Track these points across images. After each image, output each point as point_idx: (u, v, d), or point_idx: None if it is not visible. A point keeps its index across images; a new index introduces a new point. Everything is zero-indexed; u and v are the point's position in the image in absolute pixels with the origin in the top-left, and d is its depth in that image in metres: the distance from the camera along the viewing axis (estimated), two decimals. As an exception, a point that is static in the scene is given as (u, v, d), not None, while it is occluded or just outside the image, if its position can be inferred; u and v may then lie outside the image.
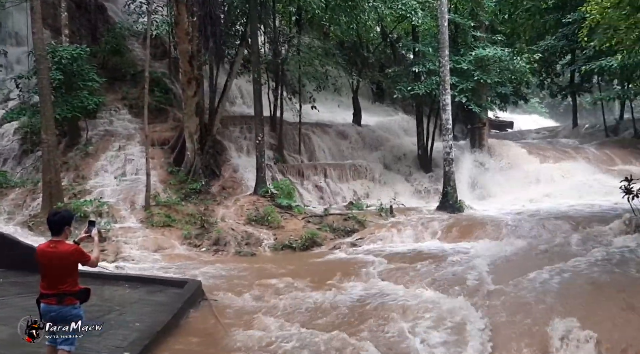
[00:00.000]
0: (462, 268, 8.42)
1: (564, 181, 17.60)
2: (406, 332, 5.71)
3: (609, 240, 9.67)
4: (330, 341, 5.52)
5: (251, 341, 5.55)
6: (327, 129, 19.97)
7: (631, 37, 9.92)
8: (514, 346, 5.31)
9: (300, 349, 5.32)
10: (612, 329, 5.41)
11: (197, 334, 5.85)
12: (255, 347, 5.43)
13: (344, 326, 6.00)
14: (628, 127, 24.56)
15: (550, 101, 38.63)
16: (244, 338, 5.65)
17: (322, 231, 12.00)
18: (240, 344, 5.49)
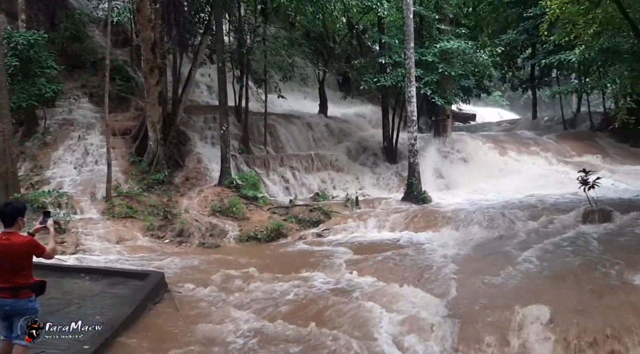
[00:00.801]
0: (427, 257, 8.55)
1: (524, 172, 18.04)
2: (373, 322, 5.75)
3: (566, 229, 9.97)
4: (296, 331, 5.52)
5: (215, 333, 5.50)
6: (294, 120, 19.89)
7: (589, 32, 10.22)
8: (478, 332, 5.42)
9: (266, 340, 5.30)
10: (568, 313, 5.58)
11: (159, 326, 5.75)
12: (218, 339, 5.38)
13: (310, 317, 6.01)
14: (585, 119, 25.34)
15: (511, 94, 39.47)
16: (207, 330, 5.59)
17: (287, 223, 11.97)
18: (203, 337, 5.44)
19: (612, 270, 7.17)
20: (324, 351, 5.07)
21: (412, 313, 5.89)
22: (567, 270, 7.34)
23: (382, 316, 5.88)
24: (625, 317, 5.57)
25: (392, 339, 5.40)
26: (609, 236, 9.24)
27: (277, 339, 5.35)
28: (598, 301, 6.10)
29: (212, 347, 5.21)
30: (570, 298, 6.18)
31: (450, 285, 6.96)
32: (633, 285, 6.55)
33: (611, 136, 21.91)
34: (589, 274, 7.07)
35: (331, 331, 5.52)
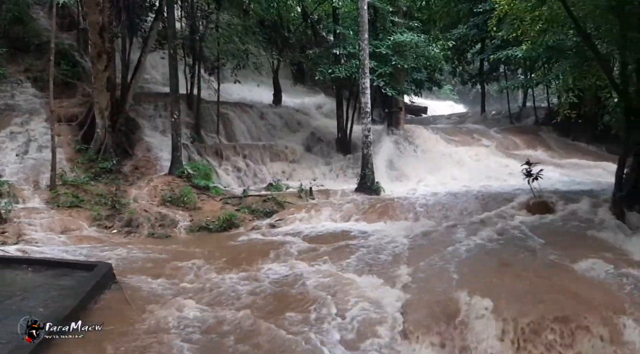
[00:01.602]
0: (379, 247, 8.67)
1: (473, 164, 18.56)
2: (325, 311, 5.80)
3: (511, 219, 10.34)
4: (246, 321, 5.49)
5: (165, 324, 5.41)
6: (247, 109, 19.68)
7: (535, 29, 10.53)
8: (426, 318, 5.56)
9: (216, 331, 5.26)
10: (511, 300, 5.80)
11: (106, 318, 5.59)
12: (168, 330, 5.29)
13: (260, 307, 6.00)
14: (530, 114, 26.29)
15: (461, 88, 40.43)
16: (156, 321, 5.49)
17: (240, 213, 11.86)
18: (152, 328, 5.33)
19: (553, 258, 7.51)
20: (274, 341, 5.08)
21: (363, 301, 5.98)
22: (510, 258, 7.63)
23: (333, 305, 5.93)
24: (566, 303, 5.85)
25: (343, 327, 5.45)
26: (550, 226, 9.65)
27: (227, 329, 5.31)
28: (540, 288, 6.35)
29: (161, 338, 5.12)
30: (513, 286, 6.42)
31: (401, 273, 7.10)
32: (573, 272, 6.88)
33: (554, 130, 22.84)
34: (531, 262, 7.37)
35: (282, 321, 5.54)
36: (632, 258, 7.48)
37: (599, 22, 10.46)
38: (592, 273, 6.74)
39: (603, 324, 5.48)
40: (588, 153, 20.83)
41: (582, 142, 22.25)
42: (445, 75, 30.99)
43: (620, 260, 7.29)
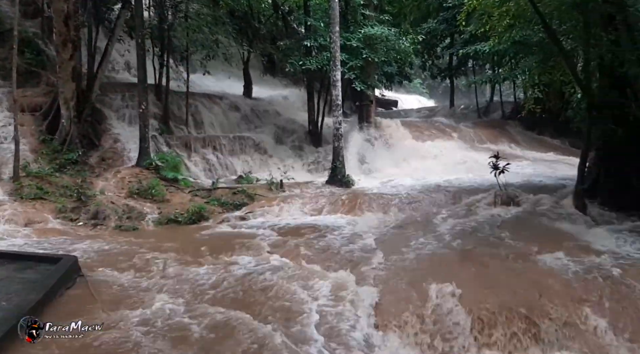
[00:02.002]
0: (350, 240, 8.72)
1: (442, 158, 18.84)
2: (294, 303, 5.81)
3: (478, 212, 10.56)
4: (216, 315, 5.47)
5: (132, 318, 5.34)
6: (217, 100, 19.48)
7: (502, 24, 10.73)
8: (396, 309, 5.64)
9: (185, 324, 5.22)
10: (478, 290, 5.94)
11: (71, 312, 5.48)
12: (136, 324, 5.22)
13: (232, 300, 5.97)
14: (497, 108, 26.82)
15: (431, 82, 40.89)
16: (124, 315, 5.42)
17: (209, 205, 11.76)
18: (119, 321, 5.25)
19: (518, 249, 7.70)
20: (246, 333, 5.07)
21: (333, 293, 6.02)
22: (477, 249, 7.79)
23: (304, 297, 5.95)
24: (529, 292, 6.02)
25: (313, 319, 5.48)
26: (516, 218, 9.87)
27: (198, 322, 5.28)
28: (505, 279, 6.52)
29: (128, 332, 5.06)
30: (480, 276, 6.58)
31: (371, 265, 7.16)
32: (537, 263, 7.06)
33: (520, 124, 23.38)
34: (497, 253, 7.54)
35: (252, 314, 5.53)
36: (592, 249, 7.73)
37: (564, 19, 10.72)
38: (555, 263, 6.93)
39: (564, 311, 5.66)
40: (552, 147, 21.40)
41: (547, 136, 22.85)
42: (415, 69, 31.29)
43: (581, 251, 7.52)
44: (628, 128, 10.31)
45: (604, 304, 5.90)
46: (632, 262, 7.09)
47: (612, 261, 7.06)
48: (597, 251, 7.61)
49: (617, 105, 10.38)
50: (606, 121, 10.33)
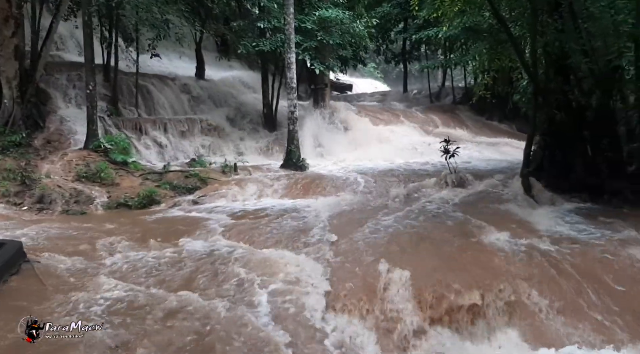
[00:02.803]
0: (303, 222, 8.75)
1: (395, 142, 19.13)
2: (250, 286, 5.80)
3: (429, 194, 10.80)
4: (170, 297, 5.40)
5: (81, 303, 5.20)
6: (168, 81, 19.02)
7: (454, 10, 10.91)
8: (349, 291, 5.71)
9: (136, 308, 5.13)
10: (427, 272, 6.09)
11: (17, 299, 5.30)
12: (85, 309, 5.09)
13: (183, 284, 5.90)
14: (448, 93, 27.39)
15: (385, 66, 41.21)
16: (72, 300, 5.26)
17: (161, 189, 11.53)
18: (67, 306, 5.11)
19: (467, 230, 7.93)
20: (200, 316, 5.04)
21: (286, 276, 6.04)
22: (428, 230, 7.98)
23: (257, 281, 5.93)
24: (477, 272, 6.23)
25: (267, 301, 5.49)
26: (465, 200, 10.16)
27: (151, 306, 5.20)
28: (454, 258, 6.71)
29: (77, 317, 4.93)
30: (430, 256, 6.75)
31: (325, 248, 7.21)
32: (484, 243, 7.29)
33: (470, 109, 23.96)
34: (446, 234, 7.74)
35: (206, 297, 5.50)
36: (535, 229, 8.07)
37: (513, 5, 11.01)
38: (501, 243, 7.18)
39: (508, 289, 5.91)
40: (500, 131, 22.08)
41: (495, 121, 23.56)
42: (369, 53, 31.44)
43: (525, 231, 7.83)
44: (571, 114, 10.75)
45: (543, 282, 6.19)
46: (570, 242, 7.44)
47: (553, 240, 7.40)
48: (540, 231, 7.95)
49: (561, 91, 10.79)
50: (551, 107, 10.73)
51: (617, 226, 8.14)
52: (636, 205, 9.74)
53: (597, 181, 10.34)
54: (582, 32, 9.90)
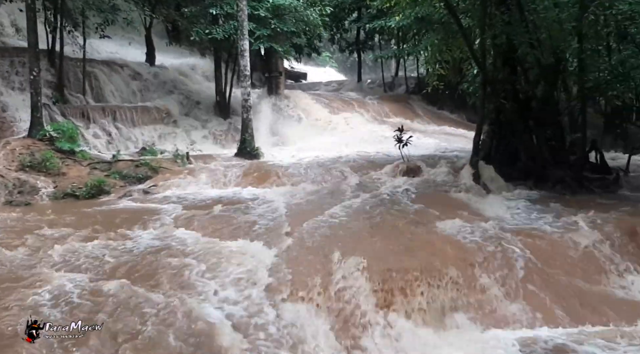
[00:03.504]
0: (258, 212, 8.69)
1: (349, 131, 19.29)
2: (201, 276, 5.73)
3: (383, 182, 10.97)
4: (121, 289, 5.27)
5: (27, 298, 5.01)
6: (117, 68, 18.42)
7: (406, 0, 11.03)
8: (303, 278, 5.73)
9: (83, 300, 4.99)
10: (382, 259, 6.18)
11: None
12: (29, 302, 4.91)
13: (135, 274, 5.77)
14: (402, 83, 27.74)
15: (339, 56, 41.31)
16: (17, 296, 5.07)
17: (110, 179, 11.21)
18: (10, 299, 4.92)
19: (419, 217, 8.11)
20: (146, 308, 4.94)
21: (239, 265, 5.98)
22: (381, 218, 8.10)
23: (208, 271, 5.85)
24: (428, 258, 6.38)
25: (217, 292, 5.41)
26: (417, 188, 10.36)
27: (102, 299, 5.07)
28: (406, 245, 6.84)
29: (21, 311, 4.75)
30: (383, 243, 6.84)
31: (279, 237, 7.19)
32: (435, 230, 7.47)
33: (422, 99, 24.42)
34: (399, 221, 7.89)
35: (158, 287, 5.40)
36: (484, 215, 8.34)
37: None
38: (452, 230, 7.38)
39: (458, 273, 6.09)
40: (451, 121, 22.61)
41: (446, 111, 24.11)
42: (324, 42, 31.44)
43: (474, 217, 8.08)
44: (518, 104, 11.13)
45: (492, 266, 6.43)
46: (517, 227, 7.75)
47: (500, 226, 7.67)
48: (488, 217, 8.22)
49: (509, 82, 11.14)
50: (499, 97, 11.06)
51: (560, 212, 8.53)
52: (577, 191, 10.23)
53: (542, 170, 10.78)
54: (529, 25, 10.23)
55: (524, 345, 5.06)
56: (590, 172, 11.30)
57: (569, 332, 5.37)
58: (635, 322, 5.59)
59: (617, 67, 10.80)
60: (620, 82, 10.78)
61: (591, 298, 6.24)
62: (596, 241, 7.33)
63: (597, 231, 7.55)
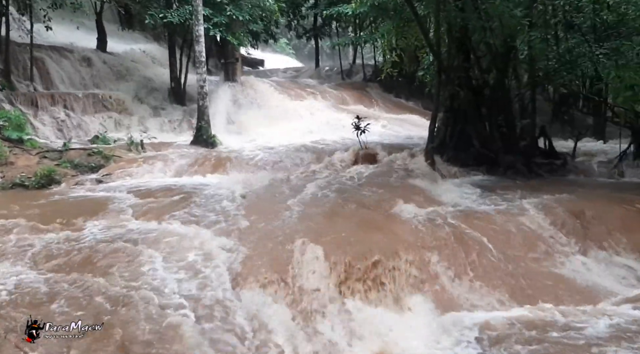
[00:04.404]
0: (214, 200, 8.59)
1: (307, 118, 19.23)
2: (157, 266, 5.65)
3: (341, 170, 11.05)
4: (74, 281, 5.15)
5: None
6: (67, 54, 17.76)
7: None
8: (261, 267, 5.73)
9: (33, 293, 4.85)
10: (340, 246, 6.24)
11: None
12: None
13: (85, 266, 5.62)
14: (359, 71, 27.85)
15: (296, 42, 41.06)
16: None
17: (61, 168, 10.84)
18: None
19: (377, 203, 8.22)
20: (99, 300, 4.84)
21: (196, 255, 5.93)
22: (340, 205, 8.16)
23: (164, 261, 5.78)
24: (386, 243, 6.49)
25: (174, 283, 5.34)
26: (375, 175, 10.49)
27: (54, 291, 4.94)
28: (364, 231, 6.93)
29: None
30: (342, 230, 6.89)
31: (235, 225, 7.15)
32: (392, 215, 7.60)
33: (379, 86, 24.59)
34: (358, 208, 7.97)
35: (112, 278, 5.29)
36: (438, 201, 8.56)
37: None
38: (408, 215, 7.53)
39: (415, 258, 6.24)
40: (408, 108, 22.89)
41: (403, 99, 24.38)
42: (281, 29, 31.16)
43: (429, 203, 8.28)
44: (471, 92, 11.38)
45: (447, 250, 6.61)
46: (470, 212, 7.98)
47: (455, 211, 7.89)
48: (443, 202, 8.44)
49: (463, 69, 11.37)
50: (453, 84, 11.28)
51: (511, 197, 8.84)
52: (527, 177, 10.60)
53: (494, 156, 11.11)
54: (481, 13, 10.44)
55: (478, 327, 5.23)
56: (540, 158, 11.73)
57: (520, 313, 5.57)
58: (582, 302, 5.87)
59: (564, 55, 11.18)
60: (568, 71, 11.16)
61: (541, 279, 6.51)
62: (545, 224, 7.65)
63: (546, 214, 7.88)
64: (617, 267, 7.00)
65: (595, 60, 9.77)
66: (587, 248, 7.35)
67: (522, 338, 4.98)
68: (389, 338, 5.26)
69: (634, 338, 4.88)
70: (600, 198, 8.86)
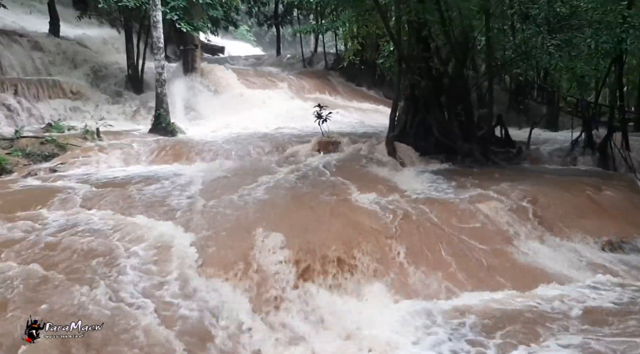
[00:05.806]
0: (173, 189, 8.44)
1: (269, 107, 19.12)
2: (114, 258, 5.52)
3: (303, 159, 11.03)
4: (33, 274, 4.98)
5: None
6: (17, 38, 17.03)
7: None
8: (222, 258, 5.69)
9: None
10: (301, 235, 6.25)
11: None
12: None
13: (41, 258, 5.45)
14: (321, 59, 27.82)
15: (258, 30, 40.60)
16: None
17: (12, 157, 10.44)
18: None
19: (338, 192, 8.24)
20: (60, 293, 4.72)
21: (155, 245, 5.82)
22: (302, 193, 8.17)
23: (122, 251, 5.65)
24: (347, 231, 6.54)
25: (132, 274, 5.23)
26: (336, 164, 10.51)
27: (13, 284, 4.76)
28: (326, 219, 6.95)
29: None
30: (304, 218, 6.91)
31: (196, 214, 7.06)
32: (354, 203, 7.65)
33: (341, 75, 24.65)
34: (319, 196, 7.98)
35: (70, 271, 5.15)
36: (399, 189, 8.66)
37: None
38: (369, 204, 7.60)
39: (376, 246, 6.31)
40: (369, 97, 23.05)
41: (364, 88, 24.52)
42: (241, 15, 30.75)
43: (390, 191, 8.37)
44: (431, 81, 11.53)
45: (406, 238, 6.72)
46: (429, 199, 8.12)
47: (414, 199, 8.02)
48: (403, 190, 8.55)
49: (423, 59, 11.50)
50: (413, 73, 11.40)
51: (468, 185, 9.04)
52: (484, 165, 10.86)
53: (453, 144, 11.32)
54: (440, 2, 10.56)
55: (438, 314, 5.35)
56: (496, 146, 12.03)
57: (479, 298, 5.73)
58: (536, 285, 6.07)
59: (520, 46, 11.45)
60: (523, 61, 11.45)
61: (498, 264, 6.69)
62: (501, 210, 7.87)
63: (502, 200, 8.10)
64: (569, 251, 7.27)
65: (548, 51, 10.05)
66: (541, 233, 7.61)
67: (479, 323, 5.13)
68: (351, 324, 5.31)
69: (581, 318, 5.11)
70: (553, 185, 9.17)
